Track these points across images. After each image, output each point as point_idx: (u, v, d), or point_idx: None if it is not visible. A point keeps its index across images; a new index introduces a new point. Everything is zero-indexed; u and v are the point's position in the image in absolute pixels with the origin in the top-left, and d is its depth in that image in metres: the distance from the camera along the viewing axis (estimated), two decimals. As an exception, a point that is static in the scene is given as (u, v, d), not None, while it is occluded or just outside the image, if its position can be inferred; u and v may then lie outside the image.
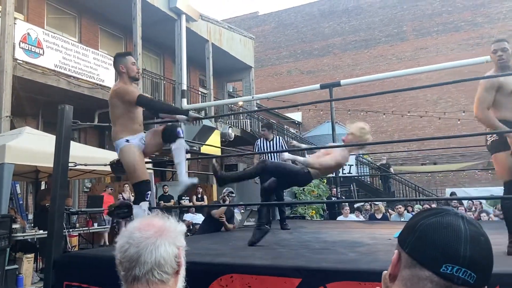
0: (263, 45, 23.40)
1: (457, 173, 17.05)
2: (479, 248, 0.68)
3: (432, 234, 0.70)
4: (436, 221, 0.71)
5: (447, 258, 0.67)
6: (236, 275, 2.51)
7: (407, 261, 0.72)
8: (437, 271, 0.67)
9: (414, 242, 0.72)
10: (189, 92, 13.54)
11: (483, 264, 0.68)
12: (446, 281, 0.67)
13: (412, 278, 0.70)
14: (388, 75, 13.19)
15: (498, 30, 18.73)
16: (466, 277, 0.66)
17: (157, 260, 0.99)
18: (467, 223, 0.70)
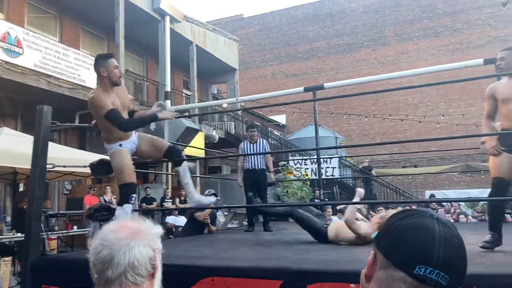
0: (247, 48, 23.42)
1: (437, 176, 17.36)
2: (453, 250, 0.69)
3: (407, 236, 0.70)
4: (412, 222, 0.71)
5: (421, 260, 0.67)
6: (217, 278, 2.49)
7: (382, 261, 0.72)
8: (410, 272, 0.68)
9: (390, 243, 0.72)
10: (173, 93, 13.45)
11: (456, 266, 0.69)
12: (419, 283, 0.67)
13: (387, 279, 0.70)
14: (370, 78, 13.34)
15: (476, 36, 19.20)
16: (439, 279, 0.67)
17: (130, 261, 0.97)
18: (442, 225, 0.71)
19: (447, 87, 18.97)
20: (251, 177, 5.73)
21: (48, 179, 7.87)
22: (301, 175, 11.49)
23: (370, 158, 17.32)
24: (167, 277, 2.38)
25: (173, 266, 2.68)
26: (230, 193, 12.13)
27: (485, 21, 19.19)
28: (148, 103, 12.84)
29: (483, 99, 13.34)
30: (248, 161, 5.81)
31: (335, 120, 20.58)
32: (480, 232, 4.46)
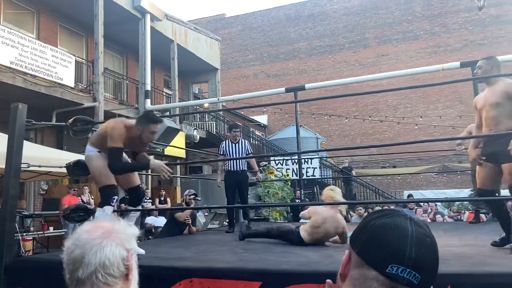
0: (229, 48, 23.37)
1: (415, 176, 17.69)
2: (425, 250, 0.69)
3: (380, 235, 0.71)
4: (385, 222, 0.72)
5: (393, 259, 0.68)
6: (195, 279, 2.47)
7: (356, 261, 0.73)
8: (383, 271, 0.68)
9: (363, 242, 0.73)
10: (153, 92, 13.31)
11: (428, 265, 0.69)
12: (391, 281, 0.68)
13: (360, 277, 0.71)
14: (351, 80, 13.52)
15: (454, 40, 19.64)
16: (410, 278, 0.67)
17: (101, 261, 0.95)
18: (415, 224, 0.71)
19: (425, 90, 19.34)
20: (233, 179, 5.70)
21: (23, 179, 7.68)
22: (282, 175, 11.52)
23: (350, 159, 17.53)
24: (145, 278, 2.35)
25: (151, 268, 2.66)
26: (211, 193, 12.08)
27: (462, 25, 19.65)
28: (127, 102, 12.68)
29: (460, 101, 13.88)
30: (229, 162, 5.78)
31: (316, 121, 20.73)
32: (456, 232, 4.57)
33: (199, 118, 16.09)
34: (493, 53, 17.37)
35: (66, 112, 9.57)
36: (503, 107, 3.20)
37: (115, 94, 12.52)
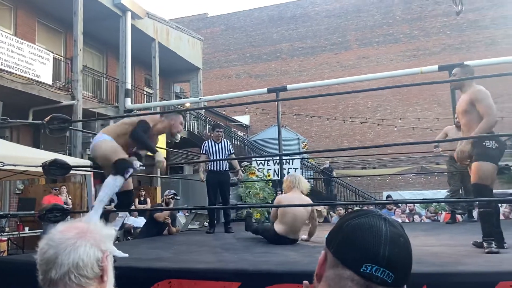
0: (212, 47, 23.28)
1: (394, 177, 17.96)
2: (398, 249, 0.70)
3: (355, 235, 0.72)
4: (360, 222, 0.73)
5: (367, 258, 0.69)
6: (174, 281, 2.45)
7: (332, 261, 0.73)
8: (357, 270, 0.69)
9: (339, 242, 0.73)
10: (134, 91, 13.14)
11: (401, 264, 0.70)
12: (366, 281, 0.69)
13: (335, 277, 0.72)
14: (332, 81, 13.61)
15: (432, 44, 20.04)
16: (384, 277, 0.68)
17: (75, 261, 0.93)
18: (389, 224, 0.72)
19: (404, 92, 19.68)
20: (215, 179, 5.65)
21: (-2, 179, 7.47)
22: (264, 175, 11.53)
23: (331, 160, 17.69)
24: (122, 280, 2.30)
25: (128, 269, 2.62)
26: (192, 193, 12.00)
27: (440, 29, 20.06)
28: (107, 101, 12.49)
29: (438, 104, 14.15)
30: (211, 162, 5.74)
31: (298, 122, 20.84)
32: (432, 232, 4.65)
33: (180, 117, 15.95)
34: (470, 57, 17.88)
35: (43, 110, 9.35)
36: (472, 114, 3.33)
37: (94, 92, 12.31)
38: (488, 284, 2.03)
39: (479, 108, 3.27)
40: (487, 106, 3.24)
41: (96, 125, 10.62)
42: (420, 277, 2.11)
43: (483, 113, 3.23)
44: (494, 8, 19.33)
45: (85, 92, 11.12)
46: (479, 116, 3.27)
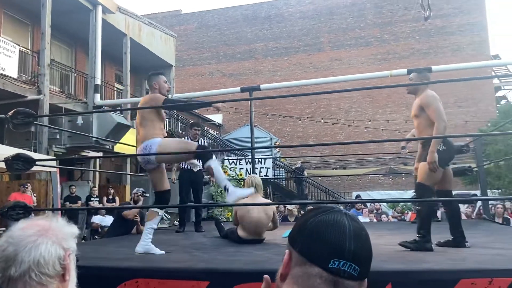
0: (185, 45, 23.05)
1: (363, 177, 18.33)
2: (361, 243, 0.73)
3: (320, 232, 0.73)
4: (323, 219, 0.74)
5: (334, 254, 0.71)
6: (141, 280, 2.41)
7: (298, 259, 0.74)
8: (325, 267, 0.71)
9: (304, 240, 0.74)
10: (104, 87, 12.85)
11: (364, 257, 0.73)
12: (334, 276, 0.70)
13: (303, 275, 0.72)
14: (305, 82, 13.72)
15: (402, 48, 20.57)
16: (351, 271, 0.71)
17: (35, 259, 0.91)
18: (350, 219, 0.75)
19: (374, 95, 20.12)
20: (188, 177, 5.57)
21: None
22: (236, 174, 11.52)
23: (303, 160, 17.87)
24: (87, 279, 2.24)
25: (94, 268, 2.56)
26: (162, 192, 11.83)
27: (410, 34, 20.61)
28: (75, 96, 12.15)
29: (406, 107, 14.53)
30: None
31: (270, 122, 20.94)
32: (398, 231, 4.77)
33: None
34: (437, 62, 18.42)
35: (7, 104, 9.00)
36: (421, 118, 3.44)
37: (62, 87, 11.95)
38: (449, 281, 2.10)
39: (428, 112, 3.36)
40: (435, 110, 3.32)
41: (63, 121, 10.32)
42: (385, 275, 2.16)
43: (432, 118, 3.33)
44: (460, 16, 20.04)
45: (52, 86, 10.79)
46: (429, 120, 3.37)
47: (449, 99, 19.48)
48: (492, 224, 5.79)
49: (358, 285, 0.72)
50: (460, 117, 18.32)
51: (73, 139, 10.36)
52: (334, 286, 0.70)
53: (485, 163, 7.08)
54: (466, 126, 17.53)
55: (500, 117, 15.95)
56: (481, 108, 19.13)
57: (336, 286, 0.70)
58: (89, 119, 10.19)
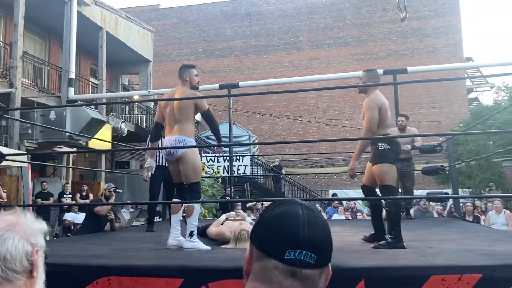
0: (163, 40, 22.76)
1: (340, 176, 18.54)
2: (316, 231, 0.73)
3: (275, 225, 0.74)
4: (278, 211, 0.75)
5: (289, 244, 0.71)
6: (114, 278, 2.36)
7: (257, 254, 0.75)
8: (281, 258, 0.71)
9: (261, 235, 0.75)
10: (78, 81, 12.55)
11: (321, 244, 0.73)
12: (291, 266, 0.71)
13: (261, 269, 0.73)
14: (284, 80, 13.79)
15: (379, 49, 20.89)
16: (307, 259, 0.71)
17: (2, 254, 0.88)
18: (305, 209, 0.75)
19: (352, 94, 20.36)
20: (160, 174, 5.41)
21: None
22: (213, 172, 11.47)
23: (281, 158, 17.94)
24: (58, 277, 2.18)
25: (66, 266, 2.50)
26: (138, 189, 11.66)
27: (387, 35, 20.95)
28: (48, 90, 11.83)
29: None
30: (157, 156, 5.54)
31: (249, 119, 20.92)
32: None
33: (128, 110, 15.47)
34: (413, 63, 18.72)
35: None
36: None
37: (34, 80, 11.61)
38: (421, 277, 2.14)
39: (366, 116, 3.51)
40: (368, 114, 3.46)
41: (36, 115, 10.04)
42: (359, 271, 2.19)
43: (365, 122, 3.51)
44: (436, 18, 20.49)
45: (24, 79, 10.48)
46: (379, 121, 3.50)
47: (424, 100, 19.94)
48: (463, 222, 5.95)
49: (319, 272, 0.73)
50: (434, 117, 18.78)
51: (45, 134, 10.09)
52: (292, 276, 0.71)
53: (457, 162, 7.26)
54: (439, 126, 17.97)
55: (472, 118, 16.44)
56: (454, 109, 19.65)
57: (294, 276, 0.71)
58: (62, 113, 9.94)
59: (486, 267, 2.18)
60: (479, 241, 3.57)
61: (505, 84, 19.90)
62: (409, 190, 6.04)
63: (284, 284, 0.71)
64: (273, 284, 0.72)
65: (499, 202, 7.59)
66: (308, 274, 0.71)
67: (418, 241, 3.59)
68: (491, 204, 7.77)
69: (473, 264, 2.22)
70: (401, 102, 7.64)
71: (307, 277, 0.71)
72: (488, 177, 13.77)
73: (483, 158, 12.71)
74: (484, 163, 14.17)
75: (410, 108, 17.61)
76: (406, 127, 6.07)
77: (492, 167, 14.51)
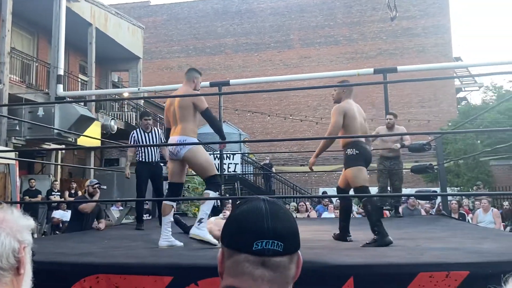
0: (153, 37, 22.60)
1: (330, 174, 18.63)
2: (280, 221, 0.77)
3: (241, 221, 0.77)
4: (243, 209, 0.79)
5: (256, 236, 0.75)
6: (102, 276, 2.34)
7: (227, 253, 0.78)
8: (250, 250, 0.74)
9: (228, 233, 0.78)
10: (67, 78, 12.41)
11: (286, 233, 0.77)
12: (260, 257, 0.74)
13: (233, 265, 0.76)
14: (275, 78, 13.79)
15: (369, 48, 21.00)
16: (275, 247, 0.74)
17: None
18: (268, 203, 0.79)
19: (342, 92, 20.43)
20: (146, 171, 5.33)
21: None
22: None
23: (271, 156, 17.95)
24: (46, 275, 2.15)
25: (53, 264, 2.47)
26: (128, 187, 11.57)
27: (377, 34, 21.07)
28: (36, 86, 11.69)
29: (372, 105, 14.90)
30: (141, 152, 5.41)
31: (240, 117, 20.90)
32: (362, 227, 4.88)
33: (117, 108, 15.34)
34: (402, 62, 18.79)
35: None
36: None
37: (22, 76, 11.46)
38: (409, 275, 2.16)
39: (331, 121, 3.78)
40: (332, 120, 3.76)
41: (24, 112, 9.91)
42: (348, 268, 2.20)
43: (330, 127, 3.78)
44: (425, 18, 20.66)
45: (12, 76, 10.34)
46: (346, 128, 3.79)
47: (413, 99, 20.12)
48: (451, 220, 6.02)
49: (288, 260, 0.76)
50: (423, 116, 18.94)
51: (33, 131, 9.97)
52: (263, 265, 0.74)
53: (445, 161, 7.35)
54: (428, 125, 18.13)
55: (460, 117, 16.64)
56: (443, 108, 19.85)
57: (264, 265, 0.74)
58: (51, 110, 9.83)
59: (473, 264, 2.21)
60: (467, 239, 3.62)
61: (493, 84, 20.18)
62: (398, 188, 6.10)
63: (256, 274, 0.74)
64: (246, 276, 0.74)
65: (487, 201, 7.70)
66: (277, 261, 0.75)
67: (406, 239, 3.62)
68: (479, 203, 7.88)
69: (461, 261, 2.25)
70: (390, 101, 7.71)
71: (276, 265, 0.75)
72: (476, 176, 13.96)
73: (471, 157, 12.88)
74: (472, 162, 14.35)
75: (400, 107, 17.75)
76: (395, 125, 6.11)
77: (480, 166, 14.71)
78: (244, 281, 0.74)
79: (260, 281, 0.74)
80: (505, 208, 9.43)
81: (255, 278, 0.74)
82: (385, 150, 6.08)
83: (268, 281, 0.74)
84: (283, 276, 0.76)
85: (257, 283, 0.74)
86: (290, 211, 0.83)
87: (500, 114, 15.43)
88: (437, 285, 2.11)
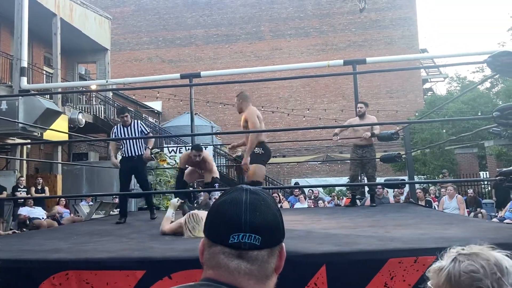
0: (121, 28, 22.05)
1: (302, 165, 18.86)
2: (259, 213, 0.75)
3: (219, 212, 0.76)
4: (223, 199, 0.78)
5: (232, 229, 0.74)
6: (72, 272, 2.29)
7: (207, 243, 0.77)
8: (226, 243, 0.74)
9: (208, 224, 0.78)
10: (31, 70, 11.95)
11: (266, 225, 0.75)
12: (236, 250, 0.73)
13: (210, 256, 0.76)
14: (246, 70, 13.80)
15: (339, 40, 21.24)
16: (251, 241, 0.73)
17: None
18: (249, 193, 0.77)
19: (313, 84, 20.65)
20: (127, 165, 5.27)
21: None
22: (175, 163, 11.32)
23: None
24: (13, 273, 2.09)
25: (20, 261, 2.40)
26: (98, 182, 11.34)
27: (347, 26, 21.33)
28: (-1, 79, 11.21)
29: (343, 97, 15.09)
30: (123, 147, 5.35)
31: (211, 110, 20.76)
32: (334, 215, 4.97)
33: (85, 101, 14.92)
34: (371, 54, 19.09)
35: None
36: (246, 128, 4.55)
37: (-17, 68, 10.95)
38: (379, 261, 2.22)
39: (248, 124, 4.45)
40: (252, 123, 4.42)
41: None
42: (320, 257, 2.24)
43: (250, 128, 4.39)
44: (393, 10, 21.06)
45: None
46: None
47: (382, 90, 20.54)
48: (417, 207, 6.21)
49: (268, 253, 0.75)
50: (391, 107, 19.40)
51: (-4, 126, 9.55)
52: (238, 257, 0.73)
53: (412, 150, 7.56)
54: (396, 115, 18.59)
55: (427, 107, 17.11)
56: (410, 99, 20.38)
57: (240, 257, 0.73)
58: (14, 104, 9.44)
59: (440, 249, 2.29)
60: (433, 225, 3.74)
61: (457, 75, 20.83)
62: (371, 176, 6.16)
63: (231, 266, 0.73)
64: (221, 268, 0.74)
65: (452, 188, 7.99)
66: (255, 255, 0.74)
67: (376, 226, 3.71)
68: (444, 190, 8.16)
69: (428, 247, 2.32)
70: (360, 92, 7.85)
71: (254, 258, 0.74)
72: (441, 164, 14.43)
73: (436, 146, 13.30)
74: (437, 151, 14.82)
75: (369, 98, 18.05)
76: (365, 114, 6.21)
77: (445, 155, 15.21)
78: (221, 274, 0.74)
79: (237, 273, 0.73)
80: (469, 195, 9.81)
81: (231, 271, 0.73)
82: (357, 139, 6.18)
83: (245, 273, 0.73)
84: (261, 269, 0.74)
85: (234, 276, 0.73)
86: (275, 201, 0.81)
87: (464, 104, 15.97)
88: (406, 270, 2.18)
